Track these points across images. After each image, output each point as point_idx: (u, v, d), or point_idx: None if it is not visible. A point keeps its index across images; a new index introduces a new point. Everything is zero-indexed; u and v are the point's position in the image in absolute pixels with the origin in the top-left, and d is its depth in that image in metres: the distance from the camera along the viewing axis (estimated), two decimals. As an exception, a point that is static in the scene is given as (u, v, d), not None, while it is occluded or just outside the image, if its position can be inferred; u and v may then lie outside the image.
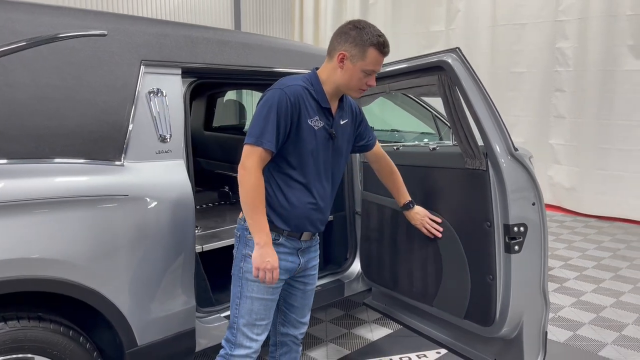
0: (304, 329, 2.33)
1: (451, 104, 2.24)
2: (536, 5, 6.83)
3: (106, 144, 2.14)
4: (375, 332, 3.47)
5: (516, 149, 2.14)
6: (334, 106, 2.08)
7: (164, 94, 2.36)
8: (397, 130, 4.85)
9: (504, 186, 2.12)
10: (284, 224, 2.03)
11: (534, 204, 2.17)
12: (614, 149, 6.39)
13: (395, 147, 2.77)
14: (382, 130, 4.91)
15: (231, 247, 3.05)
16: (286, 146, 1.97)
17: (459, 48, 2.15)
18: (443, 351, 3.13)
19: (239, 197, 1.93)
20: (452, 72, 2.14)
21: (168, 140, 2.35)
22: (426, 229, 2.46)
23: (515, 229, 2.12)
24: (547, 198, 7.12)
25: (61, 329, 1.98)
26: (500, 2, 7.15)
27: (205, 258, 2.74)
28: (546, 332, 2.26)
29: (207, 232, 3.13)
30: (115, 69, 2.22)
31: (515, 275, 2.15)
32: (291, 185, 2.01)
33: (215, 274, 3.07)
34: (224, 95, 5.20)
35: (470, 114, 2.16)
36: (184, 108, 2.45)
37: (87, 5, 7.49)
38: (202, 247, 2.77)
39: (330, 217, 3.31)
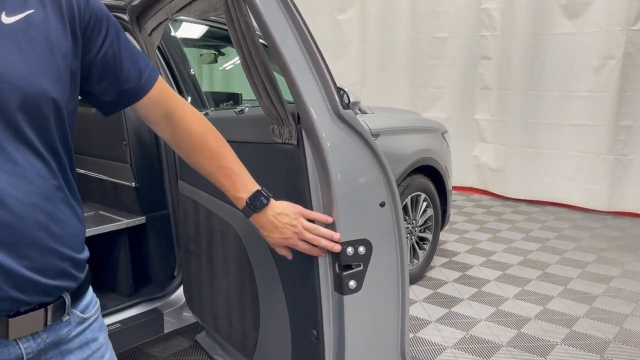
0: None
1: (239, 31, 1.26)
2: (461, -39, 5.95)
3: None
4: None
5: (348, 107, 1.18)
6: None
7: None
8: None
9: (327, 172, 1.17)
10: None
11: (383, 205, 1.23)
12: (544, 123, 5.63)
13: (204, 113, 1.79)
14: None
15: None
16: None
17: None
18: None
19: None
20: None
21: None
22: (309, 244, 1.18)
23: (350, 249, 1.18)
24: (473, 181, 6.34)
25: None
26: (423, -42, 6.23)
27: None
28: None
29: None
30: None
31: (353, 330, 1.22)
32: None
33: None
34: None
35: (270, 46, 1.20)
36: None
37: None
38: None
39: (143, 219, 2.30)
